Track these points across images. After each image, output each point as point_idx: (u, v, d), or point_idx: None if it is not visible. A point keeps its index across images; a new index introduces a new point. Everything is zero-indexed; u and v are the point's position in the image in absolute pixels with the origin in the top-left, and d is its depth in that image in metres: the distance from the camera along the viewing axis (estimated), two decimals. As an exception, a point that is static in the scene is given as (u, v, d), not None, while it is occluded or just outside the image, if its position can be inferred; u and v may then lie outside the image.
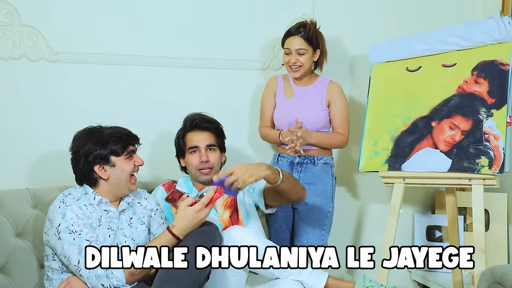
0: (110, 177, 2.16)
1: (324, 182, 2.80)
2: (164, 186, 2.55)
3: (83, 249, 2.01)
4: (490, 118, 2.49)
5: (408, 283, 3.34)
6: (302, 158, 2.79)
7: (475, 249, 2.44)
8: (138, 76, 2.86)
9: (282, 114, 2.81)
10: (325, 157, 2.82)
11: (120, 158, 2.16)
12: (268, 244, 2.17)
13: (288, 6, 3.06)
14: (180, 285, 1.95)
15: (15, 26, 2.67)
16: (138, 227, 2.22)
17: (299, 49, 2.74)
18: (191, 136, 2.53)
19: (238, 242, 2.13)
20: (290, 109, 2.80)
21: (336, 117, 2.81)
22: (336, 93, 2.82)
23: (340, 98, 2.83)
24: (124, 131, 2.21)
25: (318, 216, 2.77)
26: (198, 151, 2.50)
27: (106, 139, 2.15)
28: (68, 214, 2.07)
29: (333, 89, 2.83)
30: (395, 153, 2.67)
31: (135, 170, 2.21)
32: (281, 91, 2.85)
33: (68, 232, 2.04)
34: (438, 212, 3.30)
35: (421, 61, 2.73)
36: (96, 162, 2.14)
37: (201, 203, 2.06)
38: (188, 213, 2.06)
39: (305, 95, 2.82)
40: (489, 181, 2.46)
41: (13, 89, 2.69)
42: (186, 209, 2.07)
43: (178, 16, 2.91)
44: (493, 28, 2.52)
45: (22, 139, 2.69)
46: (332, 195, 2.83)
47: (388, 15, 3.22)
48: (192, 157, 2.51)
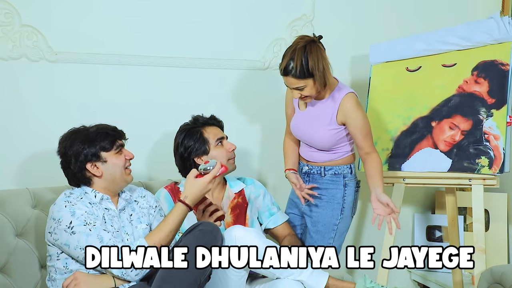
0: (104, 173, 2.17)
1: (331, 194, 2.60)
2: (167, 188, 2.55)
3: (104, 237, 2.05)
4: (490, 118, 2.49)
5: (408, 284, 3.34)
6: (310, 168, 2.63)
7: (475, 249, 2.44)
8: (138, 76, 2.86)
9: (294, 127, 2.63)
10: (336, 167, 2.60)
11: (110, 153, 2.17)
12: (269, 244, 2.17)
13: (288, 6, 3.06)
14: (180, 285, 1.95)
15: (15, 26, 2.67)
16: (138, 226, 2.23)
17: (297, 87, 2.43)
18: (210, 130, 2.54)
19: (239, 241, 2.13)
20: (300, 123, 2.60)
21: (357, 137, 2.51)
22: (350, 111, 2.49)
23: (355, 114, 2.49)
24: (110, 127, 2.22)
25: (322, 230, 2.62)
26: (222, 143, 2.54)
27: (93, 137, 2.16)
28: (77, 212, 2.09)
29: (345, 106, 2.49)
30: (395, 153, 2.67)
31: (127, 164, 2.22)
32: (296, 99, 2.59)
33: (83, 224, 2.06)
34: (438, 212, 3.30)
35: (421, 61, 2.74)
36: (88, 160, 2.15)
37: (212, 175, 2.16)
38: (199, 183, 2.15)
39: (315, 111, 2.56)
40: (489, 181, 2.47)
41: (13, 89, 2.69)
42: (197, 180, 2.15)
43: (178, 16, 2.90)
44: (493, 28, 2.52)
45: (22, 139, 2.69)
46: (342, 206, 2.60)
47: (388, 15, 3.22)
48: (220, 149, 2.52)
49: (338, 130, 2.53)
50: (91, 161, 2.15)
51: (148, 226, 2.26)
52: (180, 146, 2.52)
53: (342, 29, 3.14)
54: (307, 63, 2.39)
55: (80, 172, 2.16)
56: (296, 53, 2.39)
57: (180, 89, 2.93)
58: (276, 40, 3.04)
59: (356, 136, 2.50)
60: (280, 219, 2.65)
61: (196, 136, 2.51)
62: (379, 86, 2.82)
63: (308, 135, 2.58)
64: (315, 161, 2.62)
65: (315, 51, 2.40)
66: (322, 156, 2.60)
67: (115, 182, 2.20)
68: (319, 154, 2.61)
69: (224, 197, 2.56)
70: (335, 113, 2.51)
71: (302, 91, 2.43)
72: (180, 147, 2.52)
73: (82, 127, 2.22)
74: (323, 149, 2.57)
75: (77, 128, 2.21)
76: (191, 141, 2.50)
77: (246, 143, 3.03)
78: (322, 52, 2.43)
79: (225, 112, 2.80)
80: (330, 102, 2.52)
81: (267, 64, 3.06)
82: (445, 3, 3.29)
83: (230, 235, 2.16)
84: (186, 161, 2.52)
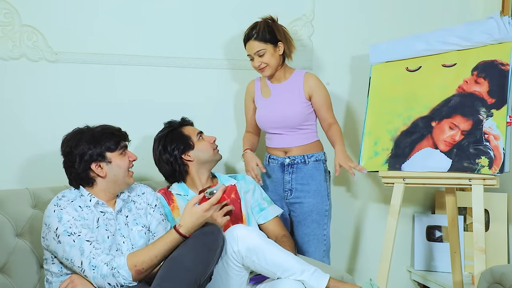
0: (108, 174, 2.16)
1: (317, 180, 2.74)
2: (161, 191, 2.55)
3: (85, 250, 2.01)
4: (490, 118, 2.49)
5: (408, 284, 3.34)
6: (292, 159, 2.74)
7: (475, 249, 2.44)
8: (138, 76, 2.86)
9: (262, 115, 2.79)
10: (316, 154, 2.77)
11: (115, 154, 2.17)
12: (271, 244, 2.18)
13: (288, 6, 3.06)
14: (180, 284, 1.95)
15: (15, 26, 2.67)
16: (134, 228, 2.21)
17: (258, 51, 2.67)
18: (186, 128, 2.59)
19: (241, 241, 2.14)
20: (268, 108, 2.77)
21: (322, 108, 2.75)
22: (314, 84, 2.74)
23: (319, 88, 2.75)
24: (114, 128, 2.22)
25: (317, 218, 2.73)
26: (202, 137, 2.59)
27: (98, 137, 2.16)
28: (65, 217, 2.07)
29: (309, 80, 2.74)
30: (395, 153, 2.67)
31: (130, 166, 2.22)
32: (258, 92, 2.82)
33: (67, 234, 2.04)
34: (438, 212, 3.30)
35: (421, 61, 2.73)
36: (93, 160, 2.14)
37: (209, 203, 2.09)
38: (196, 212, 2.08)
39: (281, 92, 2.77)
40: (489, 181, 2.46)
41: (13, 89, 2.69)
42: (194, 208, 2.09)
43: (178, 16, 2.90)
44: (493, 28, 2.52)
45: (22, 139, 2.69)
46: (327, 192, 2.78)
47: (388, 15, 3.22)
48: (203, 142, 2.57)
49: (307, 105, 2.75)
50: (96, 161, 2.14)
51: (145, 227, 2.24)
52: (162, 154, 2.55)
53: (342, 29, 3.14)
54: (271, 30, 2.70)
55: (84, 172, 2.15)
56: (260, 22, 2.72)
57: (180, 89, 2.93)
58: (276, 40, 3.04)
59: (321, 107, 2.75)
60: (271, 213, 2.64)
61: (176, 136, 2.55)
62: (379, 86, 2.82)
63: (279, 114, 2.73)
64: (289, 146, 2.76)
65: (279, 24, 2.74)
66: (294, 139, 2.76)
67: (116, 183, 2.19)
68: (291, 137, 2.75)
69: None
70: (301, 87, 2.74)
71: (262, 57, 2.67)
72: (163, 155, 2.55)
73: (86, 127, 2.21)
74: (293, 126, 2.74)
75: (81, 128, 2.21)
76: (173, 143, 2.54)
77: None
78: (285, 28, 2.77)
79: (225, 112, 2.80)
80: (293, 79, 2.77)
81: (267, 64, 3.05)
82: (445, 3, 3.29)
83: (232, 234, 2.16)
84: (175, 165, 2.55)
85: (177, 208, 2.51)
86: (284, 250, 2.22)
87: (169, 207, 2.51)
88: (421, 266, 3.26)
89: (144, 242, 2.21)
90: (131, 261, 2.01)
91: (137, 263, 2.01)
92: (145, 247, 2.09)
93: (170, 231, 2.09)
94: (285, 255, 2.18)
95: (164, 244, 2.05)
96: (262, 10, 3.01)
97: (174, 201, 2.53)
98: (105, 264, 2.00)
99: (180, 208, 2.51)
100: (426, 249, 3.25)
